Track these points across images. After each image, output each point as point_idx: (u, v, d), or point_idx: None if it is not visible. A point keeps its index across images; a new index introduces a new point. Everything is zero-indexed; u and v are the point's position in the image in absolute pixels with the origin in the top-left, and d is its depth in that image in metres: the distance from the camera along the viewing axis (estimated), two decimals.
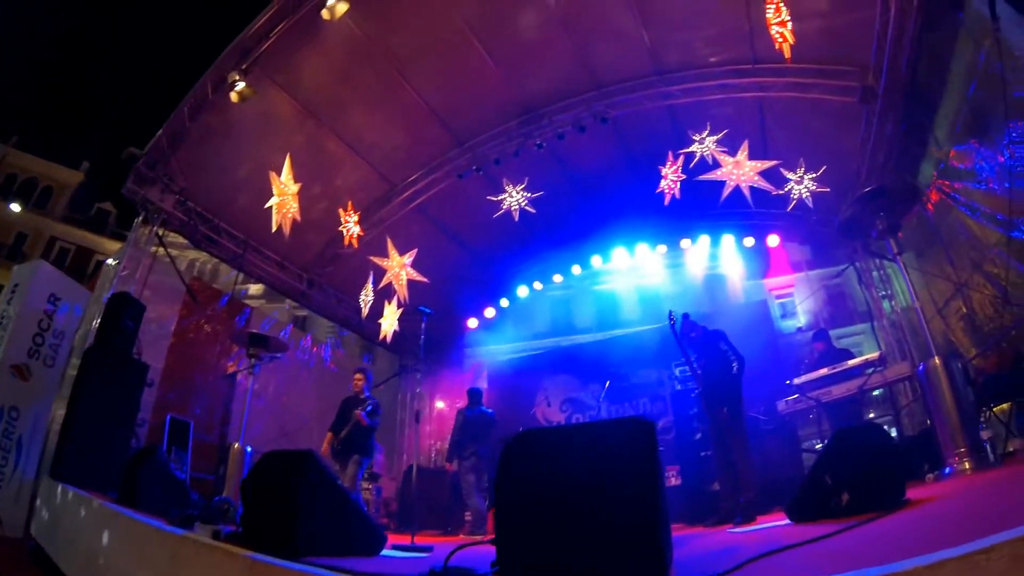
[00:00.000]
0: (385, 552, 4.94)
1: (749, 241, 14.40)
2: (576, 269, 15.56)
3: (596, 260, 15.31)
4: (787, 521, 4.97)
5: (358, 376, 9.57)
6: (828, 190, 10.89)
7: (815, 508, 4.61)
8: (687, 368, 8.39)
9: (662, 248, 14.99)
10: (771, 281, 17.33)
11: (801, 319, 18.55)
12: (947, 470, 6.14)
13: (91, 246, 32.89)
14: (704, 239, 14.62)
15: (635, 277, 16.47)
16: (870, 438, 4.68)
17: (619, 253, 15.08)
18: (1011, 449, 6.83)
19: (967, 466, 5.97)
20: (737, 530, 5.76)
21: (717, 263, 15.22)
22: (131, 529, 4.58)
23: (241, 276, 12.93)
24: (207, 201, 11.27)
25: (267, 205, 10.38)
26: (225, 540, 3.96)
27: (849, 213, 7.76)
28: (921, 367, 6.85)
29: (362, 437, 9.03)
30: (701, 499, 8.61)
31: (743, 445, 7.35)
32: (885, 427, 10.46)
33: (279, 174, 10.37)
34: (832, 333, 12.50)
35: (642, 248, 14.95)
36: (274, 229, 10.45)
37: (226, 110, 10.05)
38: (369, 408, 9.11)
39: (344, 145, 11.99)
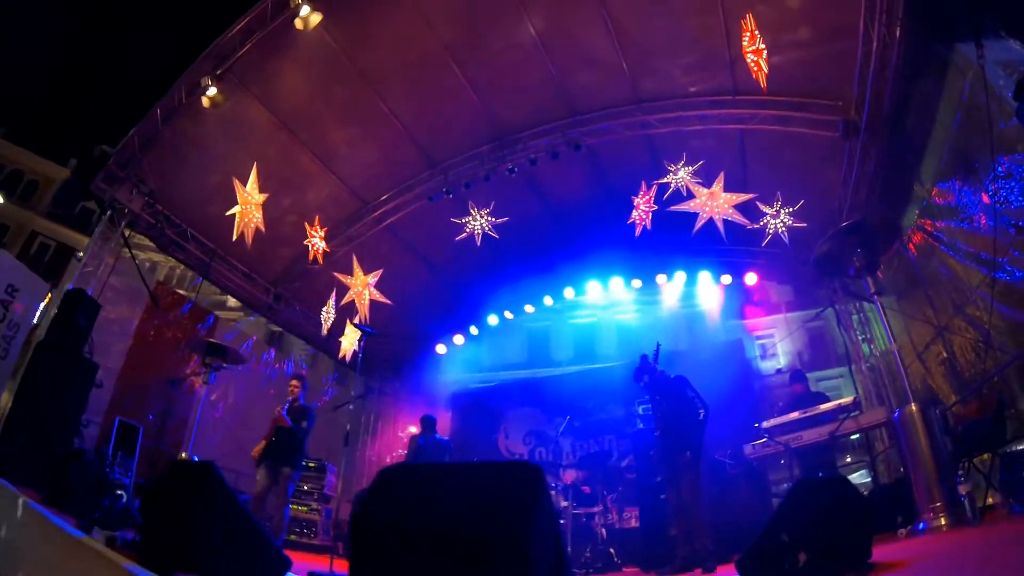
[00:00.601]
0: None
1: (726, 279, 13.90)
2: (548, 300, 15.03)
3: (569, 292, 14.79)
4: None
5: (294, 383, 8.80)
6: (805, 225, 10.39)
7: (769, 568, 4.03)
8: (648, 408, 7.90)
9: (637, 283, 14.46)
10: (751, 321, 16.78)
11: (781, 360, 18.02)
12: (921, 525, 5.65)
13: (73, 244, 31.57)
14: (680, 275, 14.11)
15: (608, 312, 15.97)
16: (833, 493, 4.08)
17: (593, 286, 14.57)
18: (991, 503, 6.28)
19: (943, 522, 5.47)
20: None
21: (694, 300, 14.73)
22: (40, 528, 4.52)
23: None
24: (177, 206, 10.96)
25: (229, 212, 10.12)
26: (120, 548, 3.95)
27: (826, 248, 7.22)
28: (897, 413, 6.36)
29: (288, 444, 8.17)
30: (659, 544, 7.88)
31: (697, 491, 6.89)
32: (862, 472, 10.03)
33: (247, 183, 10.08)
34: (812, 376, 12.17)
35: (616, 282, 14.43)
36: (235, 237, 10.18)
37: (199, 117, 9.87)
38: (286, 408, 8.37)
39: (316, 160, 11.59)
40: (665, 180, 10.39)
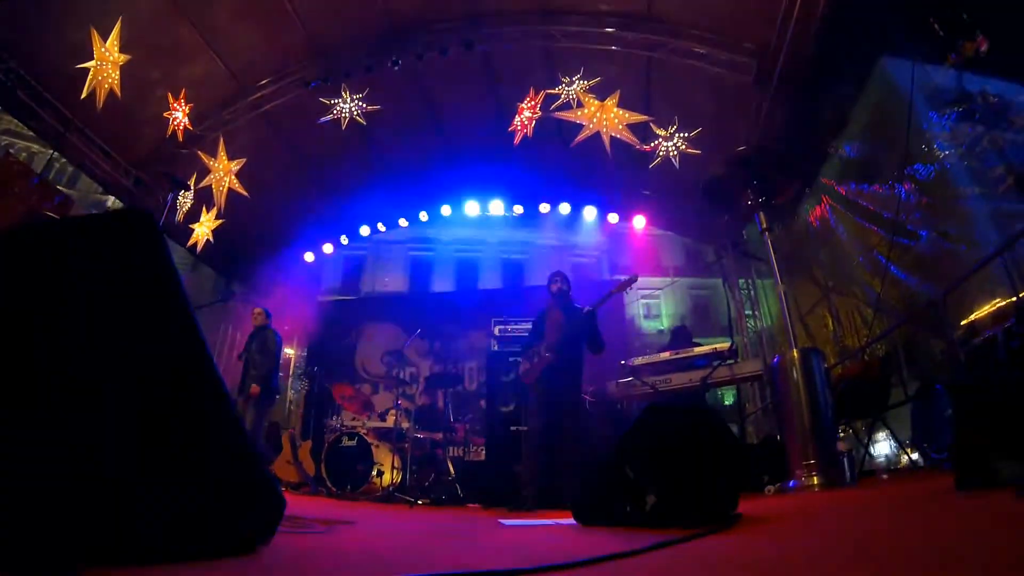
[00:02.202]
0: None
1: (613, 217, 12.89)
2: (423, 216, 13.67)
3: (446, 209, 13.55)
4: (573, 521, 3.22)
5: None
6: (699, 152, 9.33)
7: (608, 509, 2.92)
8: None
9: (518, 208, 13.23)
10: (639, 279, 16.33)
11: (664, 322, 17.62)
12: (792, 483, 4.77)
13: None
14: (565, 207, 13.03)
15: (495, 249, 15.06)
16: (696, 424, 2.95)
17: (471, 206, 13.28)
18: (868, 468, 5.51)
19: (815, 481, 4.63)
20: (508, 521, 3.99)
21: (585, 248, 13.98)
22: None
23: None
24: (34, 64, 9.02)
25: (80, 66, 8.56)
26: None
27: (719, 172, 6.21)
28: (776, 359, 5.42)
29: None
30: (504, 480, 6.77)
31: (579, 431, 5.95)
32: None
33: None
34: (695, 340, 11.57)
35: (496, 205, 13.15)
36: (83, 95, 8.66)
37: None
38: None
39: (195, 31, 9.72)
40: (556, 91, 9.26)
